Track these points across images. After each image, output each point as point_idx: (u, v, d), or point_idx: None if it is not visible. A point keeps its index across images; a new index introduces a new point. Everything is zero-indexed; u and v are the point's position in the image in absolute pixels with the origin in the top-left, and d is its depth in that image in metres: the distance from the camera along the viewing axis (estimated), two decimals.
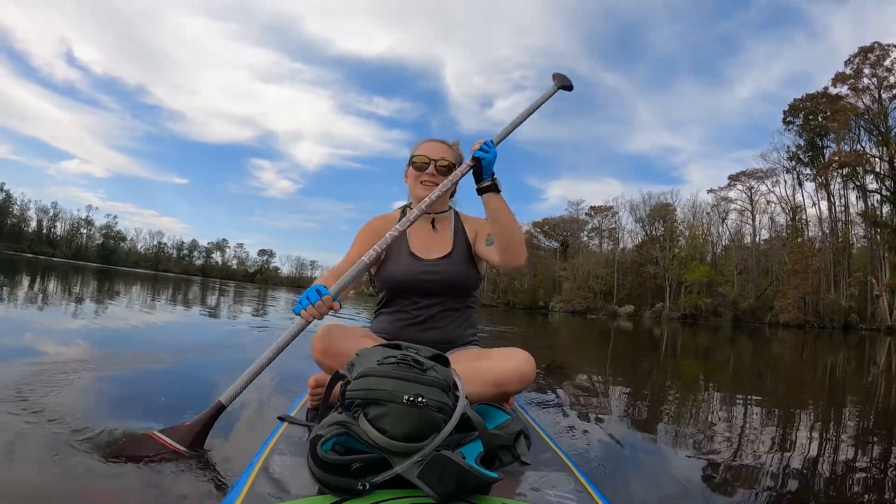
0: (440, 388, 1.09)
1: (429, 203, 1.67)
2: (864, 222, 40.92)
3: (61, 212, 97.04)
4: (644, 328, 21.02)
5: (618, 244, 58.75)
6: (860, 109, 39.47)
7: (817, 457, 2.32)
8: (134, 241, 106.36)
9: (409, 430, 1.04)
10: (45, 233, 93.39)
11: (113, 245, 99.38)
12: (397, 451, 1.03)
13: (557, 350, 7.71)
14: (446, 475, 0.96)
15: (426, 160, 1.82)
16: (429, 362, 1.13)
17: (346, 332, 1.61)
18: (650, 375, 5.37)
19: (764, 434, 2.77)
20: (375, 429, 1.04)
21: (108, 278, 21.44)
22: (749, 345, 13.39)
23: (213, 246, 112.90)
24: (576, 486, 1.14)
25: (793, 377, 6.53)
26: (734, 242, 50.84)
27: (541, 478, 1.16)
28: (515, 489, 1.11)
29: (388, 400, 1.04)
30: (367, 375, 1.08)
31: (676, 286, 48.77)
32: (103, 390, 2.40)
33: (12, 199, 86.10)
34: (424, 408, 1.04)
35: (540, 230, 66.50)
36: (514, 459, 1.22)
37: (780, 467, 2.09)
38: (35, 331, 4.35)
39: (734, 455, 2.21)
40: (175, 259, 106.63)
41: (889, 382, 6.11)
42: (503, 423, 1.28)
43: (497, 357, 1.56)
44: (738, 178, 49.13)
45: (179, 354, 3.66)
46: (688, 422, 2.90)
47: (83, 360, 2.94)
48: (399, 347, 1.20)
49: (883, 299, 36.08)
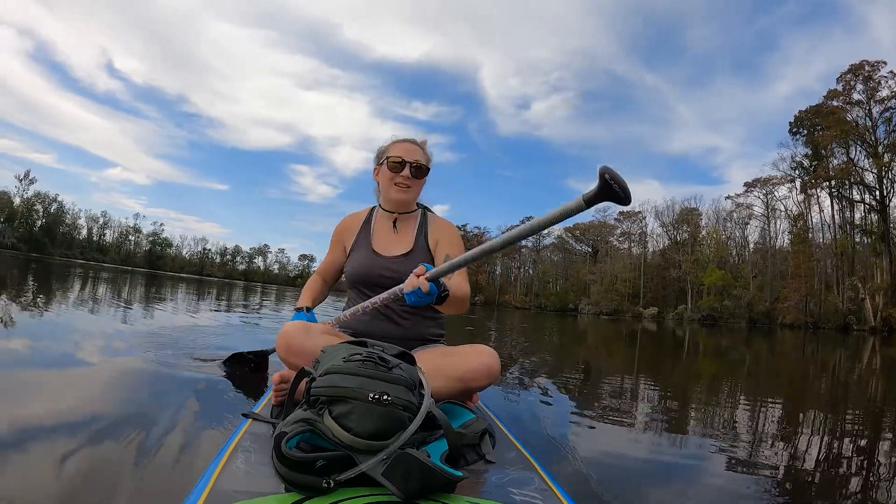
0: (405, 387, 1.07)
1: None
2: (849, 230, 41.69)
3: (110, 220, 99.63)
4: (664, 329, 21.17)
5: (646, 248, 59.26)
6: (852, 123, 40.19)
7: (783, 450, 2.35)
8: (179, 247, 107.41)
9: (375, 428, 1.02)
10: (95, 240, 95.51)
11: (160, 251, 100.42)
12: (362, 448, 1.00)
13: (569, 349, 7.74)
14: (411, 473, 0.94)
15: (401, 161, 1.80)
16: (394, 360, 1.11)
17: (311, 329, 1.59)
18: (624, 373, 5.40)
19: (736, 429, 2.78)
20: (340, 426, 1.01)
21: (195, 283, 21.27)
22: (745, 344, 13.37)
23: (255, 251, 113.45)
24: (540, 484, 1.11)
25: (758, 371, 6.65)
26: (757, 246, 51.26)
27: (505, 476, 1.14)
28: (480, 488, 1.08)
29: (353, 398, 1.02)
30: (332, 373, 1.06)
31: (698, 289, 49.35)
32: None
33: (64, 208, 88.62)
34: (390, 406, 1.02)
35: (571, 235, 67.00)
36: (479, 458, 1.20)
37: (753, 461, 2.09)
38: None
39: (706, 453, 2.19)
40: (218, 264, 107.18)
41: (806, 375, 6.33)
42: (468, 422, 1.26)
43: (463, 354, 1.55)
44: (754, 184, 49.98)
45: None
46: (659, 421, 2.90)
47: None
48: (365, 345, 1.18)
49: (867, 302, 36.70)
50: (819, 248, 43.22)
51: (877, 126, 40.21)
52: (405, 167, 1.80)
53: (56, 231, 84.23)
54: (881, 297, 36.49)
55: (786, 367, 8.05)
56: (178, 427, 1.54)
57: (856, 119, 40.77)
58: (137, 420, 1.47)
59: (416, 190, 1.86)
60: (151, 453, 1.41)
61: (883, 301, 36.17)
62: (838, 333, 29.14)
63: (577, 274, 61.97)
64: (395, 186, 1.82)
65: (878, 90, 40.09)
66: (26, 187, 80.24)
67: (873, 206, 40.50)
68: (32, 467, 1.25)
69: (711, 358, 8.93)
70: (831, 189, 42.45)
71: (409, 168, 1.80)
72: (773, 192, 49.11)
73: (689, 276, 49.95)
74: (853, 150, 41.42)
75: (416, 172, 1.81)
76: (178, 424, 1.49)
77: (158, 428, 1.63)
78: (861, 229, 41.25)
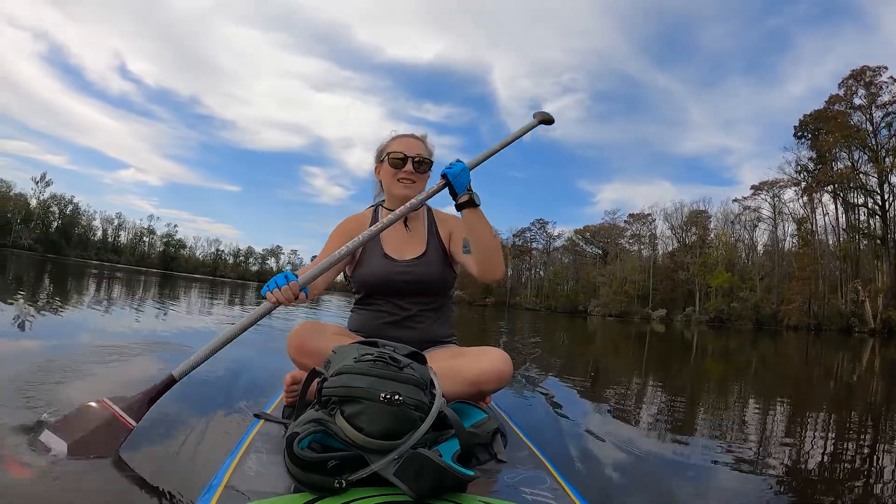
0: (417, 386, 1.06)
1: (402, 213, 1.58)
2: (849, 234, 41.58)
3: (125, 221, 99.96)
4: (672, 331, 21.13)
5: (655, 250, 58.86)
6: (854, 128, 40.00)
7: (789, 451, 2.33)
8: (193, 248, 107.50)
9: (386, 427, 1.00)
10: (110, 241, 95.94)
11: (174, 252, 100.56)
12: (374, 448, 0.99)
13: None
14: (423, 473, 0.93)
15: (402, 156, 1.75)
16: (405, 360, 1.09)
17: (322, 329, 1.56)
18: (633, 374, 5.37)
19: (747, 429, 2.77)
20: (352, 426, 1.00)
21: (208, 284, 21.36)
22: (749, 346, 13.39)
23: (267, 252, 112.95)
24: (552, 484, 1.10)
25: (758, 371, 6.61)
26: (766, 248, 50.84)
27: (517, 476, 1.12)
28: (492, 487, 1.07)
29: (364, 398, 1.01)
30: (343, 373, 1.04)
31: (705, 291, 49.07)
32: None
33: (80, 210, 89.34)
34: (401, 406, 1.01)
35: (581, 237, 66.93)
36: (491, 457, 1.18)
37: (761, 462, 2.07)
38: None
39: (715, 454, 2.17)
40: (231, 265, 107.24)
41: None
42: (480, 422, 1.25)
43: (474, 356, 1.52)
44: (761, 187, 49.58)
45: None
46: (670, 421, 2.88)
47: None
48: (376, 345, 1.16)
49: (866, 304, 36.53)
50: (823, 251, 42.96)
51: (878, 131, 40.08)
52: (407, 162, 1.75)
53: (72, 232, 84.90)
54: (881, 300, 36.33)
55: (788, 369, 8.03)
56: (190, 428, 1.53)
57: (857, 124, 40.56)
58: (147, 421, 1.46)
59: (420, 185, 1.78)
60: (164, 454, 1.40)
61: (883, 303, 36.01)
62: (840, 335, 28.95)
63: (587, 276, 61.48)
64: (398, 182, 1.76)
65: (879, 95, 40.00)
66: (42, 189, 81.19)
67: (874, 210, 40.38)
68: (42, 468, 1.24)
69: (715, 360, 8.91)
70: (836, 192, 42.24)
71: (411, 163, 1.75)
72: (780, 195, 48.86)
73: (697, 279, 49.62)
74: (855, 154, 41.32)
75: (418, 167, 1.76)
76: (191, 425, 1.48)
77: (171, 429, 1.62)
78: (862, 233, 41.03)
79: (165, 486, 1.23)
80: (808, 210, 44.69)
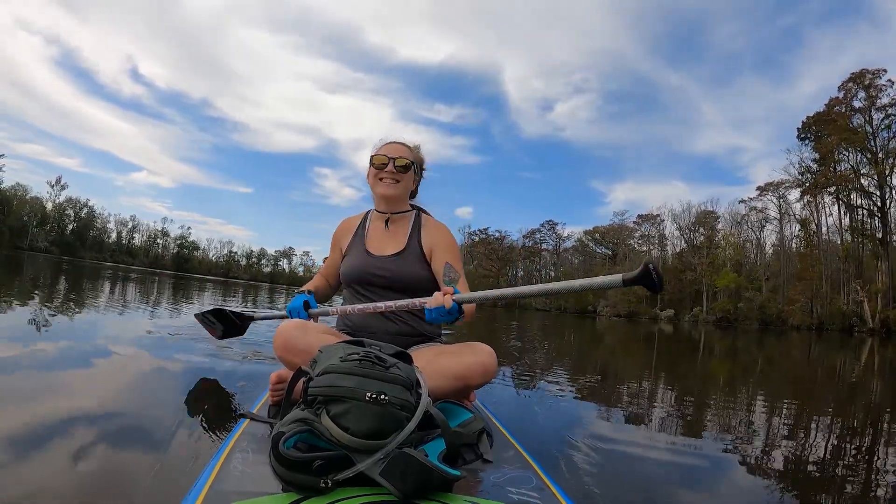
0: (403, 386, 1.05)
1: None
2: (851, 235, 41.47)
3: (139, 223, 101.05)
4: (679, 331, 20.98)
5: (664, 250, 58.39)
6: (853, 131, 39.83)
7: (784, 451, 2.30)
8: (206, 250, 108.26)
9: (372, 427, 0.99)
10: (124, 243, 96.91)
11: (187, 254, 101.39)
12: (360, 448, 0.98)
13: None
14: (409, 473, 0.92)
15: (385, 160, 1.81)
16: (391, 360, 1.08)
17: (308, 328, 1.57)
18: (633, 374, 5.33)
19: (736, 426, 2.72)
20: (338, 426, 0.99)
21: (225, 286, 21.58)
22: (751, 345, 13.27)
23: (280, 254, 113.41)
24: (538, 483, 1.08)
25: (756, 371, 6.55)
26: (775, 248, 50.70)
27: (503, 476, 1.11)
28: (478, 487, 1.05)
29: (350, 397, 1.00)
30: (329, 372, 1.04)
31: (712, 292, 48.87)
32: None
33: (95, 212, 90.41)
34: (387, 405, 1.00)
35: (591, 238, 66.59)
36: (477, 457, 1.17)
37: (752, 460, 2.06)
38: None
39: (705, 452, 2.13)
40: (244, 266, 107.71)
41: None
42: (466, 421, 1.23)
43: (460, 351, 1.53)
44: (767, 188, 49.45)
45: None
46: (658, 419, 2.82)
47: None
48: (362, 344, 1.15)
49: (865, 304, 36.40)
50: (825, 251, 42.77)
51: (877, 133, 39.85)
52: (389, 163, 1.81)
53: (87, 235, 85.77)
54: (880, 300, 36.23)
55: (789, 367, 7.97)
56: (175, 428, 1.50)
57: (857, 127, 40.34)
58: (133, 421, 1.46)
59: (403, 186, 1.84)
60: (148, 454, 1.38)
61: (882, 303, 35.91)
62: (841, 335, 28.68)
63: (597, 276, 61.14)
64: (380, 182, 1.82)
65: (878, 98, 39.82)
66: (58, 193, 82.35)
67: (874, 211, 40.26)
68: (25, 469, 1.23)
69: (718, 358, 8.85)
70: (838, 194, 42.05)
71: (392, 164, 1.80)
72: (785, 195, 48.54)
73: (704, 279, 49.34)
74: (855, 156, 41.10)
75: (400, 168, 1.81)
76: (175, 425, 1.47)
77: (155, 429, 1.60)
78: (861, 234, 40.89)
79: (149, 487, 1.21)
80: (810, 211, 44.64)
